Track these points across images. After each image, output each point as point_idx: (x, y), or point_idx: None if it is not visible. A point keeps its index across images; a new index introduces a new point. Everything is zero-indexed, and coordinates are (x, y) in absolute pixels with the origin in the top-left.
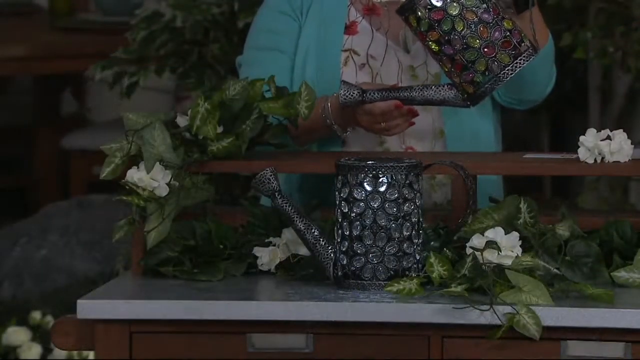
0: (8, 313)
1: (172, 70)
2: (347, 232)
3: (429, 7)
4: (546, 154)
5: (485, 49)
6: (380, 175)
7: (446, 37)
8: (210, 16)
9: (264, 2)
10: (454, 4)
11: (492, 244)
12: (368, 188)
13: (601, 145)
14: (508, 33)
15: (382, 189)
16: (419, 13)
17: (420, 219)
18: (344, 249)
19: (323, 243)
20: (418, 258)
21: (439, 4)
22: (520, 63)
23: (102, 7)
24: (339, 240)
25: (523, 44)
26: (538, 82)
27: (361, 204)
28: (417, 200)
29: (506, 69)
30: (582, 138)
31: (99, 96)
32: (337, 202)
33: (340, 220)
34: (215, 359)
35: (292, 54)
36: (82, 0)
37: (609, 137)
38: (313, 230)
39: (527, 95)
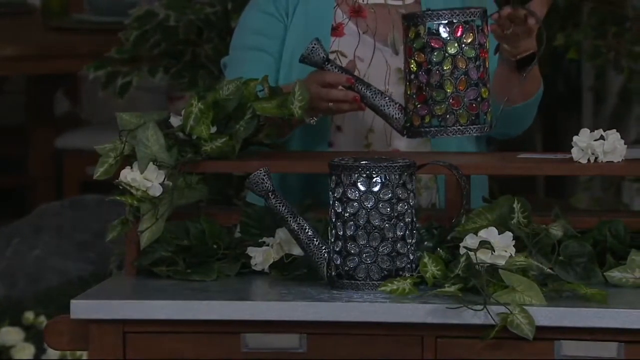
0: (1, 313)
1: (165, 70)
2: (341, 232)
3: (433, 31)
4: (540, 154)
5: (453, 100)
6: (374, 175)
7: (429, 66)
8: (203, 16)
9: (250, 3)
10: (455, 44)
11: (485, 244)
12: (362, 188)
13: (594, 145)
14: (480, 99)
15: (376, 189)
16: (421, 31)
17: (414, 219)
18: (337, 249)
19: (317, 243)
20: (412, 258)
21: (443, 35)
22: (471, 130)
23: (95, 7)
24: (332, 240)
25: (485, 117)
26: (524, 123)
27: (355, 204)
28: (410, 200)
29: (457, 127)
30: (575, 138)
31: (92, 96)
32: (331, 202)
33: (333, 220)
34: (209, 359)
35: (278, 54)
36: (76, 0)
37: (602, 137)
38: (307, 230)
39: (510, 131)
